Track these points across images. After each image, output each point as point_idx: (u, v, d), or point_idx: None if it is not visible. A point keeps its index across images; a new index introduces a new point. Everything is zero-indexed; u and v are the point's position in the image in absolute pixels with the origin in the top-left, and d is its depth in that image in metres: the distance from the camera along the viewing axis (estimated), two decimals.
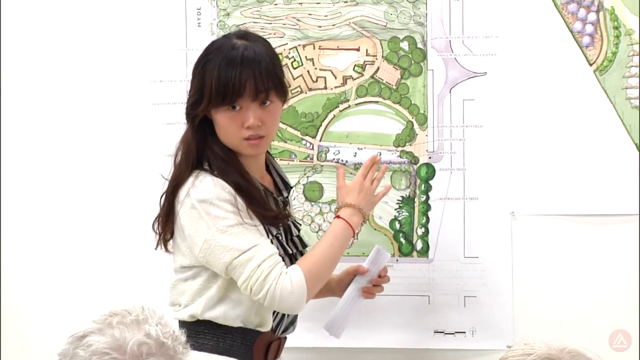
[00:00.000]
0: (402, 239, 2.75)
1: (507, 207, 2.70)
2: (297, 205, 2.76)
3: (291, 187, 2.40)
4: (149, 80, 2.81)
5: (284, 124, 2.74)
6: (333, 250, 2.21)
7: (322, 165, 2.77)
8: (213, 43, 2.26)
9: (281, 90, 2.25)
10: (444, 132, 2.72)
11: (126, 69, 2.80)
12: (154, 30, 2.78)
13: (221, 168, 2.21)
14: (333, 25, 2.73)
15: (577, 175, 2.67)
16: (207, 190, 2.17)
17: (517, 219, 2.69)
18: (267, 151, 2.35)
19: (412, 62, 2.72)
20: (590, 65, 2.63)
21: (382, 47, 2.73)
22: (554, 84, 2.66)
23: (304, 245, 2.35)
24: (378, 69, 2.73)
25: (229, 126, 2.21)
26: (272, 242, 2.20)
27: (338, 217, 2.28)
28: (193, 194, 2.16)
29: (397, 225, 2.74)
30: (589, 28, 2.62)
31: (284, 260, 2.21)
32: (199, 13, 2.76)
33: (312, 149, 2.75)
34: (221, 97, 2.18)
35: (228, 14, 2.76)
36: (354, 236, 2.29)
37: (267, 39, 2.32)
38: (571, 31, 2.66)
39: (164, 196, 2.25)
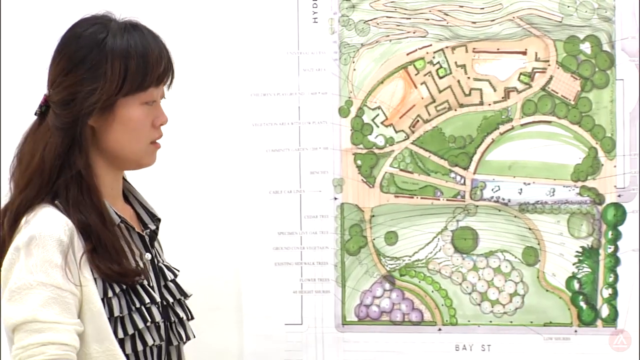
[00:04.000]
0: (582, 303, 2.53)
1: None
2: (444, 257, 2.53)
3: (158, 220, 2.16)
4: (249, 93, 2.59)
5: (426, 150, 2.54)
6: None
7: (477, 206, 2.54)
8: (88, 25, 1.98)
9: None
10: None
11: (220, 79, 2.61)
12: (255, 29, 2.58)
13: (76, 200, 1.95)
14: (492, 20, 2.54)
15: None
16: (36, 225, 1.90)
17: None
18: (124, 177, 2.14)
19: (596, 69, 2.52)
20: None
21: (556, 50, 2.52)
22: None
23: (184, 294, 2.13)
24: (551, 78, 2.52)
25: (143, 124, 2.00)
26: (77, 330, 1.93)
27: None
28: (23, 233, 1.91)
29: (576, 286, 2.52)
30: None
31: (157, 307, 2.03)
32: (315, 6, 2.55)
33: (464, 184, 2.55)
34: (159, 75, 1.99)
35: (354, 7, 2.54)
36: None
37: None
38: None
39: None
